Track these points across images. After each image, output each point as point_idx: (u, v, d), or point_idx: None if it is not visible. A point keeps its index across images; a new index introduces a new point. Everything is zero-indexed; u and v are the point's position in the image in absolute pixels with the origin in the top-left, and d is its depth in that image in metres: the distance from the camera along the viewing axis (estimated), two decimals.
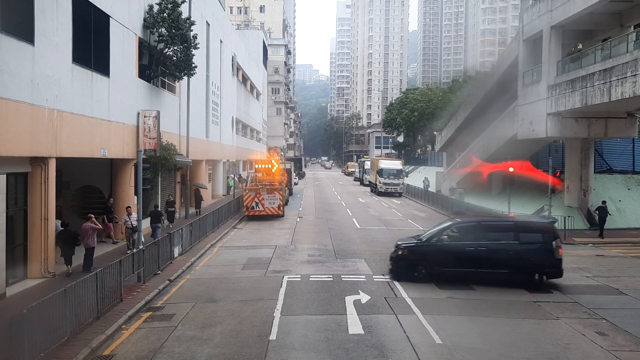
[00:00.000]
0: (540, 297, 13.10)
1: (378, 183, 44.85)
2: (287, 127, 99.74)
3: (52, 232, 13.94)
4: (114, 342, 9.80)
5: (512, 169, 24.82)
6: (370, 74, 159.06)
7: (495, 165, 28.93)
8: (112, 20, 17.49)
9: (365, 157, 77.76)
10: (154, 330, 10.43)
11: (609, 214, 23.03)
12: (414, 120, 67.95)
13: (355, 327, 10.50)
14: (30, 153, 12.92)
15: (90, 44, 16.04)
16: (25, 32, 12.41)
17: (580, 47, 29.09)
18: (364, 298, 12.59)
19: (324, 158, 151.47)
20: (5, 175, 12.14)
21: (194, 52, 22.78)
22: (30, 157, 13.23)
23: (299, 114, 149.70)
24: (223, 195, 39.65)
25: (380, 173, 44.61)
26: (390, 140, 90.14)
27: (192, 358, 9.01)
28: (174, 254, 16.71)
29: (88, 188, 19.94)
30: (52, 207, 13.98)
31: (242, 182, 39.94)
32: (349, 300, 12.32)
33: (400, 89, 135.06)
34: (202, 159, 31.60)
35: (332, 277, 14.76)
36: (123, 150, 18.51)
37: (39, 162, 13.55)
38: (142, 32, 20.40)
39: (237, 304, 12.14)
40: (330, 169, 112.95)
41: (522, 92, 26.82)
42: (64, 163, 16.36)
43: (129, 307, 11.56)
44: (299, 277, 14.78)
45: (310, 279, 14.49)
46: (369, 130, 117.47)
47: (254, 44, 64.77)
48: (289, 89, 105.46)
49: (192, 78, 26.37)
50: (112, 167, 19.64)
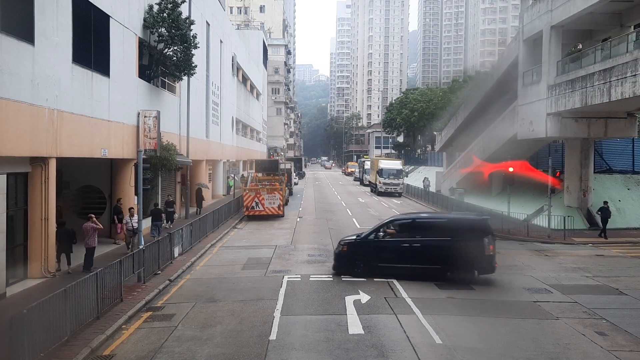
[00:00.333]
0: (540, 297, 13.11)
1: (378, 183, 44.85)
2: (287, 127, 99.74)
3: (52, 232, 13.95)
4: (114, 342, 9.80)
5: (512, 169, 24.86)
6: (370, 74, 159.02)
7: (496, 165, 28.93)
8: (112, 20, 17.49)
9: (365, 157, 77.73)
10: (154, 330, 10.44)
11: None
12: (414, 121, 67.93)
13: (355, 327, 10.51)
14: (31, 153, 12.93)
15: (90, 44, 16.05)
16: (25, 32, 12.41)
17: (580, 47, 29.10)
18: (364, 298, 12.59)
19: (324, 158, 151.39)
20: (6, 175, 12.15)
21: (194, 52, 22.79)
22: (31, 157, 13.24)
23: (299, 114, 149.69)
24: (223, 195, 39.67)
25: (380, 173, 44.61)
26: (390, 140, 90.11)
27: (192, 358, 9.01)
28: (174, 254, 16.72)
29: (88, 188, 19.96)
30: (52, 207, 13.99)
31: (242, 182, 39.95)
32: (349, 300, 12.32)
33: (400, 89, 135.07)
34: (202, 159, 31.60)
35: (332, 277, 14.77)
36: (123, 150, 18.51)
37: (39, 162, 13.56)
38: (142, 32, 20.41)
39: (237, 304, 12.15)
40: (330, 169, 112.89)
41: (522, 92, 26.82)
42: (64, 163, 16.37)
43: (129, 307, 11.57)
44: (299, 277, 14.79)
45: (311, 279, 14.50)
46: (369, 130, 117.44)
47: (254, 44, 64.77)
48: (289, 89, 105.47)
49: (192, 78, 26.37)
50: (112, 167, 19.64)
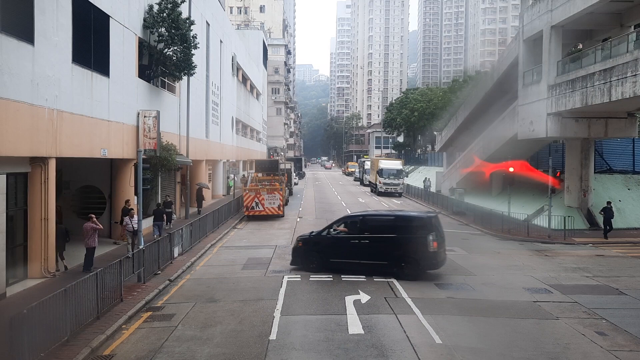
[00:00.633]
0: (540, 297, 13.11)
1: (378, 183, 44.83)
2: (287, 127, 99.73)
3: (52, 232, 13.94)
4: (114, 342, 9.80)
5: (512, 169, 24.86)
6: (370, 74, 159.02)
7: (496, 165, 28.92)
8: (112, 20, 17.49)
9: (365, 157, 77.71)
10: (154, 330, 10.44)
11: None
12: (414, 120, 67.92)
13: (355, 327, 10.50)
14: (30, 153, 12.93)
15: (90, 44, 16.05)
16: (25, 32, 12.41)
17: (581, 47, 29.11)
18: (364, 298, 12.58)
19: (324, 158, 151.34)
20: (5, 176, 12.14)
21: (194, 52, 22.78)
22: (30, 157, 13.24)
23: (299, 114, 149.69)
24: (223, 195, 39.67)
25: (380, 173, 44.59)
26: (390, 140, 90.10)
27: (192, 358, 9.01)
28: (174, 254, 16.73)
29: (88, 188, 19.96)
30: (52, 207, 13.98)
31: (243, 182, 39.95)
32: (349, 300, 12.32)
33: (400, 89, 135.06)
34: (202, 159, 31.61)
35: (332, 277, 14.75)
36: (123, 150, 18.52)
37: (39, 162, 13.55)
38: (142, 32, 20.41)
39: (237, 304, 12.15)
40: (330, 169, 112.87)
41: (522, 92, 26.82)
42: (64, 163, 16.37)
43: (129, 307, 11.57)
44: (299, 277, 14.78)
45: (310, 279, 14.50)
46: (369, 130, 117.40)
47: (254, 44, 64.74)
48: (289, 89, 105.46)
49: (192, 78, 26.38)
50: (112, 167, 19.64)
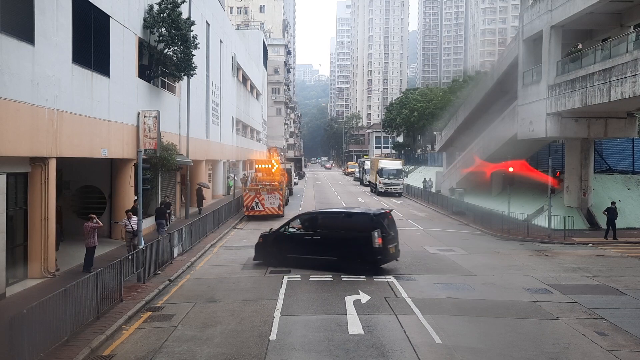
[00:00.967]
0: (540, 297, 13.11)
1: (378, 183, 44.84)
2: (287, 127, 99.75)
3: (52, 232, 13.94)
4: (114, 342, 9.79)
5: (512, 169, 24.87)
6: (370, 74, 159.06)
7: (496, 165, 28.94)
8: (112, 21, 17.49)
9: (365, 157, 77.72)
10: (154, 331, 10.43)
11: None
12: (414, 121, 67.93)
13: (355, 327, 10.49)
14: (31, 153, 12.93)
15: (90, 44, 16.05)
16: (26, 32, 12.41)
17: (580, 47, 29.11)
18: (364, 298, 12.58)
19: (324, 158, 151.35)
20: (6, 176, 12.13)
21: (194, 52, 22.78)
22: (30, 157, 13.23)
23: (299, 114, 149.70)
24: (223, 195, 39.68)
25: (380, 173, 44.60)
26: (390, 141, 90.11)
27: (192, 358, 9.00)
28: (174, 254, 16.73)
29: (88, 188, 19.97)
30: (52, 207, 13.97)
31: (243, 181, 39.99)
32: (349, 300, 12.31)
33: (400, 89, 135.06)
34: (202, 159, 31.61)
35: (332, 277, 14.75)
36: (123, 150, 18.52)
37: (39, 162, 13.55)
38: (142, 32, 20.41)
39: (237, 304, 12.15)
40: (330, 169, 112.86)
41: (522, 92, 26.83)
42: (64, 163, 16.37)
43: (129, 307, 11.56)
44: (299, 277, 14.78)
45: (310, 279, 14.49)
46: (369, 130, 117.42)
47: (254, 44, 64.76)
48: (289, 89, 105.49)
49: (192, 78, 26.37)
50: (112, 167, 19.65)
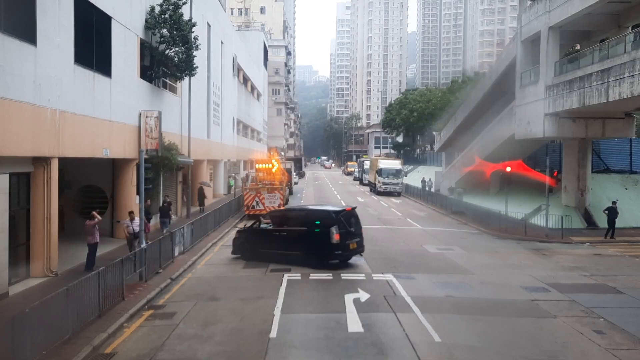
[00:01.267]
0: (538, 295, 13.21)
1: (377, 183, 44.91)
2: (287, 127, 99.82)
3: (54, 231, 14.01)
4: (116, 340, 9.87)
5: (509, 169, 24.98)
6: (370, 75, 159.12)
7: (495, 165, 29.06)
8: (113, 22, 17.57)
9: (365, 157, 77.80)
10: (156, 329, 10.51)
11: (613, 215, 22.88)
12: (413, 121, 67.98)
13: (355, 325, 10.57)
14: (33, 153, 13.01)
15: (92, 45, 16.13)
16: (28, 33, 12.48)
17: (578, 47, 29.22)
18: (364, 296, 12.66)
19: (324, 158, 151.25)
20: (8, 175, 12.21)
21: (195, 53, 22.86)
22: (33, 157, 13.30)
23: (299, 115, 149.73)
24: (224, 195, 39.77)
25: (380, 173, 44.67)
26: (390, 141, 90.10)
27: (193, 356, 9.08)
28: (175, 253, 16.82)
29: (90, 188, 20.04)
30: (54, 206, 14.04)
31: (243, 181, 40.07)
32: (349, 299, 12.39)
33: (400, 90, 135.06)
34: (203, 159, 31.70)
35: (331, 275, 14.85)
36: (125, 151, 18.61)
37: (42, 162, 13.62)
38: (143, 33, 20.50)
39: (237, 303, 12.24)
40: (330, 169, 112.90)
41: (519, 92, 26.93)
42: (66, 163, 16.44)
43: (131, 305, 11.64)
44: (299, 275, 14.87)
45: (310, 278, 14.58)
46: (369, 131, 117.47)
47: (255, 45, 64.86)
48: (289, 90, 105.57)
49: (193, 79, 26.46)
50: (114, 167, 19.72)
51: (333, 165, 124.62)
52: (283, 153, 72.94)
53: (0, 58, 11.29)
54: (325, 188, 53.37)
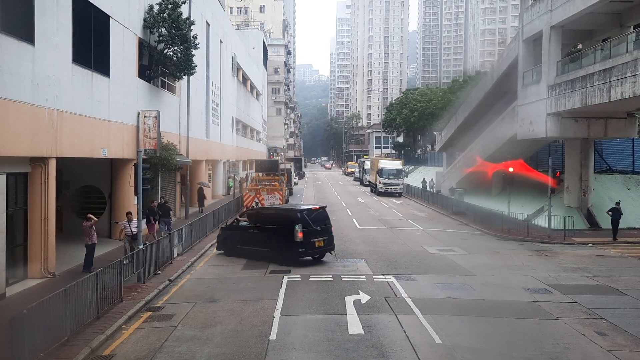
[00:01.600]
0: (540, 297, 13.12)
1: (378, 183, 44.86)
2: (287, 127, 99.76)
3: (52, 232, 13.93)
4: (114, 342, 9.79)
5: (512, 169, 24.87)
6: (370, 74, 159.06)
7: (497, 165, 28.95)
8: (112, 21, 17.50)
9: (365, 157, 77.76)
10: (154, 330, 10.43)
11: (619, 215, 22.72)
12: (414, 121, 67.91)
13: (355, 327, 10.50)
14: (31, 153, 12.93)
15: (91, 44, 16.05)
16: (26, 32, 12.41)
17: (580, 47, 29.11)
18: (364, 298, 12.58)
19: (324, 158, 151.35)
20: (6, 175, 12.14)
21: (194, 52, 22.78)
22: (31, 157, 13.23)
23: (299, 114, 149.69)
24: (223, 195, 39.69)
25: (380, 173, 44.62)
26: (390, 141, 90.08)
27: (192, 358, 9.00)
28: (174, 254, 16.73)
29: (88, 188, 19.96)
30: (52, 207, 13.97)
31: (242, 181, 40.01)
32: (349, 300, 12.31)
33: (400, 89, 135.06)
34: (202, 159, 31.62)
35: (332, 277, 14.77)
36: (123, 151, 18.52)
37: (39, 162, 13.54)
38: (142, 32, 20.42)
39: (237, 304, 12.15)
40: (330, 169, 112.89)
41: (521, 92, 26.82)
42: (64, 163, 16.37)
43: (129, 307, 11.56)
44: (299, 277, 14.79)
45: (310, 279, 14.50)
46: (369, 131, 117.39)
47: (254, 44, 64.78)
48: (289, 89, 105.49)
49: (192, 78, 26.38)
50: (112, 167, 19.65)
51: (333, 166, 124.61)
52: (282, 153, 72.86)
53: None
54: (326, 189, 53.29)
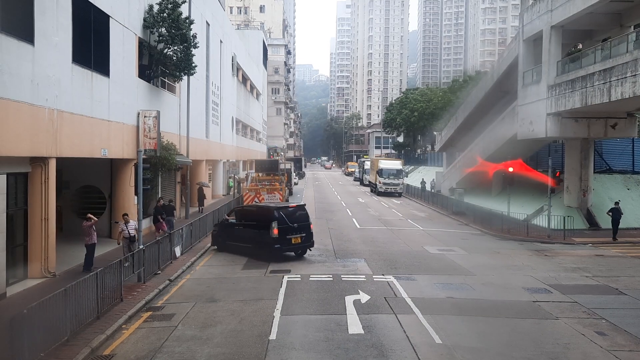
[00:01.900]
0: (540, 297, 13.12)
1: (378, 183, 44.86)
2: (287, 127, 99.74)
3: (52, 232, 13.93)
4: (114, 341, 9.80)
5: (512, 169, 24.86)
6: (370, 74, 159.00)
7: (497, 165, 28.95)
8: (112, 21, 17.49)
9: (365, 157, 77.76)
10: (154, 330, 10.44)
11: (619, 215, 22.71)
12: (414, 121, 67.90)
13: (355, 326, 10.51)
14: (31, 153, 12.93)
15: (90, 44, 16.04)
16: (26, 32, 12.41)
17: (580, 47, 29.11)
18: (364, 298, 12.59)
19: (324, 158, 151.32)
20: (6, 175, 12.14)
21: (194, 52, 22.78)
22: (31, 157, 13.23)
23: (299, 114, 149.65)
24: (223, 195, 39.69)
25: (380, 173, 44.62)
26: (390, 141, 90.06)
27: (192, 358, 9.01)
28: (177, 254, 16.74)
29: (88, 188, 19.96)
30: (52, 207, 13.97)
31: (242, 181, 40.00)
32: (349, 300, 12.32)
33: (400, 89, 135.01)
34: (202, 159, 31.61)
35: (332, 277, 14.77)
36: (123, 151, 18.52)
37: (39, 162, 13.54)
38: (142, 32, 20.41)
39: (237, 304, 12.16)
40: (330, 169, 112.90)
41: (522, 92, 26.82)
42: (64, 163, 16.37)
43: (129, 307, 11.57)
44: (299, 277, 14.79)
45: (310, 279, 14.51)
46: (369, 131, 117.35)
47: (254, 44, 64.76)
48: (289, 89, 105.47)
49: (192, 78, 26.38)
50: (112, 167, 19.65)
51: (333, 166, 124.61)
52: (282, 153, 72.86)
53: None
54: (326, 189, 53.29)
